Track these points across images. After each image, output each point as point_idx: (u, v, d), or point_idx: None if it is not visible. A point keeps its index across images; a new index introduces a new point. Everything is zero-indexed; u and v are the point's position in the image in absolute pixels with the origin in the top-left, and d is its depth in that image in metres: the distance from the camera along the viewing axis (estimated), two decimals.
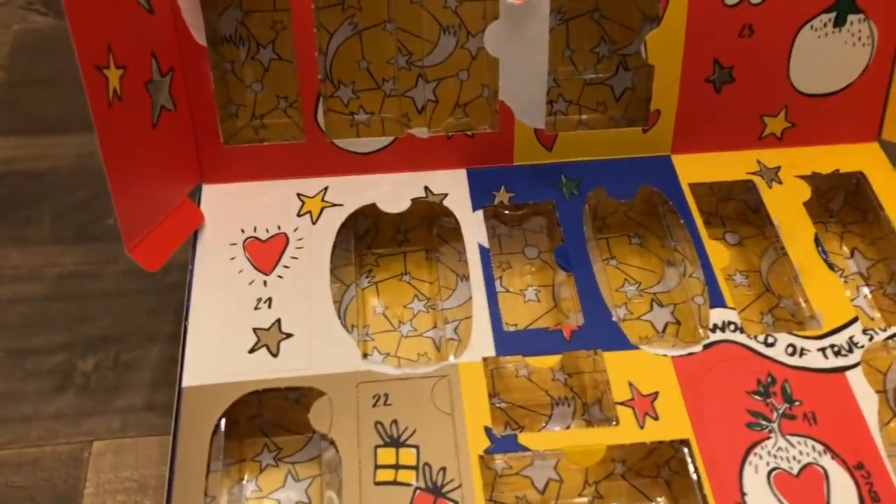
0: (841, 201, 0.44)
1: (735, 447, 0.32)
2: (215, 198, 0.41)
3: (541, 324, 0.40)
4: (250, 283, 0.37)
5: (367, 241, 0.43)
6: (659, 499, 0.35)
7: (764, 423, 0.33)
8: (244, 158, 0.41)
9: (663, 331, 0.40)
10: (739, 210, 0.44)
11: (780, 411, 0.33)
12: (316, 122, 0.40)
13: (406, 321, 0.41)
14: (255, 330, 0.36)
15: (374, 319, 0.41)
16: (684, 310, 0.40)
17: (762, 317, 0.41)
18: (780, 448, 0.32)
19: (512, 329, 0.39)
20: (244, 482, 0.36)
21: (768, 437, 0.33)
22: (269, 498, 0.35)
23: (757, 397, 0.34)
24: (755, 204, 0.42)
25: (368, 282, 0.42)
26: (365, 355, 0.39)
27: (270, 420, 0.37)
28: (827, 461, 0.32)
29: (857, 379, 0.34)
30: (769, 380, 0.34)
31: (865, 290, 0.42)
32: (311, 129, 0.40)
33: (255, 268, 0.38)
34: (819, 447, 0.33)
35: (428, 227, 0.43)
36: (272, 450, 0.37)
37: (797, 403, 0.34)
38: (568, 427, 0.37)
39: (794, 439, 0.33)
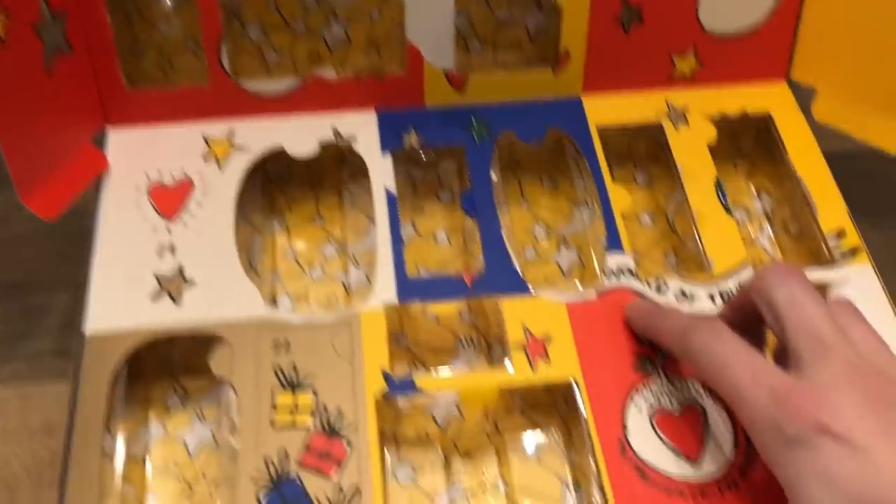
0: (752, 140, 0.45)
1: (620, 387, 0.34)
2: (121, 142, 0.40)
3: (451, 267, 0.41)
4: (154, 230, 0.37)
5: (279, 184, 0.43)
6: (552, 433, 0.36)
7: (649, 365, 0.34)
8: (150, 101, 0.40)
9: (569, 273, 0.41)
10: (651, 149, 0.44)
11: (664, 354, 0.34)
12: (220, 63, 0.39)
13: (317, 265, 0.41)
14: (157, 276, 0.36)
15: (285, 264, 0.41)
16: (590, 252, 0.41)
17: (666, 257, 0.42)
18: (663, 388, 0.34)
19: (418, 276, 0.40)
20: (151, 424, 0.36)
21: (653, 379, 0.34)
22: (176, 438, 0.36)
23: (644, 343, 0.35)
24: (666, 143, 0.43)
25: (280, 225, 0.42)
26: (274, 300, 0.40)
27: (178, 363, 0.38)
28: (706, 401, 0.34)
29: None
30: None
31: (768, 229, 0.43)
32: (216, 71, 0.40)
33: (159, 214, 0.38)
34: (699, 387, 0.34)
35: (340, 169, 0.43)
36: (179, 392, 0.37)
37: None
38: (472, 367, 0.38)
39: (676, 380, 0.34)
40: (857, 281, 0.37)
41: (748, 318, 0.31)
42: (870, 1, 0.39)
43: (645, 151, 0.45)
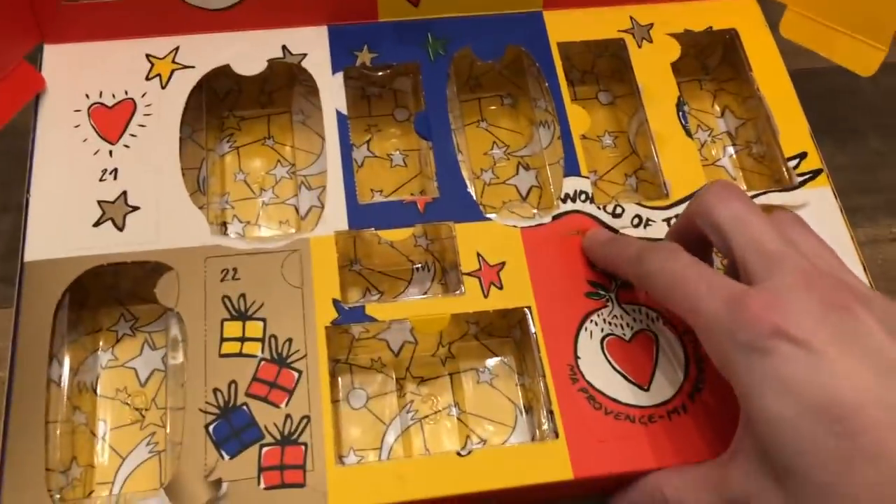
0: (718, 58, 0.43)
1: (573, 314, 0.33)
2: (58, 59, 0.38)
3: (406, 190, 0.40)
4: (95, 153, 0.36)
5: (228, 103, 0.42)
6: (505, 358, 0.36)
7: (602, 292, 0.34)
8: (89, 16, 0.38)
9: (527, 195, 0.40)
10: (615, 67, 0.43)
11: (618, 282, 0.34)
12: None
13: (268, 188, 0.40)
14: (99, 202, 0.35)
15: (235, 186, 0.40)
16: (547, 174, 0.40)
17: (626, 178, 0.41)
18: (615, 315, 0.34)
19: (370, 201, 0.39)
20: (99, 352, 0.36)
21: (605, 306, 0.34)
22: (126, 366, 0.36)
23: (596, 269, 0.34)
24: (629, 61, 0.42)
25: (230, 146, 0.41)
26: (224, 224, 0.39)
27: (127, 290, 0.37)
28: (658, 327, 0.34)
29: None
30: None
31: (731, 150, 0.42)
32: None
33: (100, 136, 0.36)
34: (652, 314, 0.34)
35: (291, 87, 0.41)
36: (128, 319, 0.37)
37: None
38: (426, 292, 0.38)
39: (629, 307, 0.34)
40: (816, 204, 0.36)
41: (694, 242, 0.30)
42: None
43: (609, 69, 0.43)
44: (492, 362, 0.36)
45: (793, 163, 0.38)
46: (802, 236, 0.29)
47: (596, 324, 0.33)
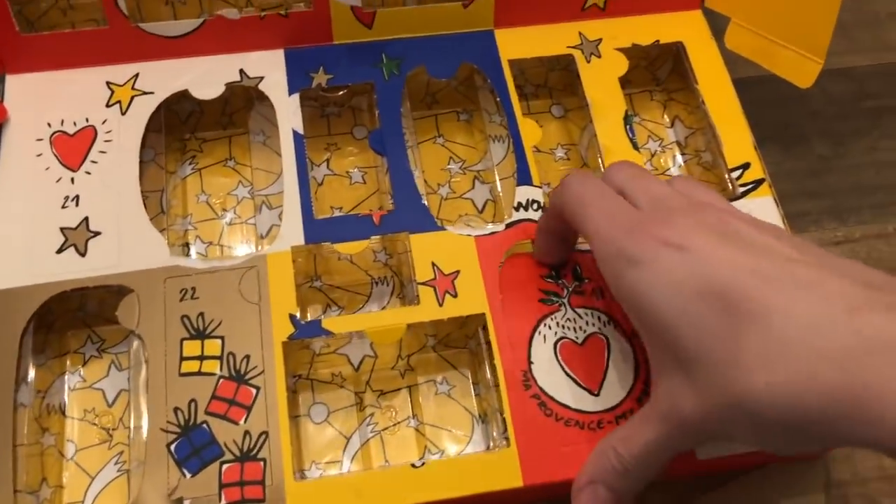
0: (668, 69, 0.45)
1: (527, 319, 0.34)
2: (20, 89, 0.39)
3: (365, 206, 0.41)
4: (58, 181, 0.37)
5: (190, 125, 0.43)
6: (462, 369, 0.37)
7: (555, 298, 0.35)
8: (49, 46, 0.39)
9: (483, 209, 0.41)
10: (567, 81, 0.44)
11: (570, 289, 0.35)
12: (117, 5, 0.38)
13: (230, 208, 0.41)
14: (62, 229, 0.36)
15: (197, 208, 0.41)
16: (502, 187, 0.41)
17: None
18: (568, 319, 0.35)
19: (326, 216, 0.40)
20: (67, 374, 0.37)
21: (559, 310, 0.35)
22: (93, 388, 0.37)
23: (549, 279, 0.35)
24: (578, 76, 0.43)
25: (192, 168, 0.42)
26: (186, 245, 0.40)
27: (93, 312, 0.38)
28: (609, 331, 0.35)
29: None
30: None
31: (680, 160, 0.43)
32: (113, 14, 0.38)
33: (62, 164, 0.37)
34: (604, 318, 0.35)
35: (250, 109, 0.42)
36: (95, 341, 0.38)
37: (586, 281, 0.36)
38: (384, 307, 0.38)
39: (581, 311, 0.35)
40: (758, 213, 0.36)
41: (560, 235, 0.34)
42: None
43: (561, 83, 0.44)
44: (449, 373, 0.37)
45: (736, 173, 0.39)
46: (688, 185, 0.32)
47: (550, 327, 0.34)
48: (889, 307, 0.24)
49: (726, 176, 0.39)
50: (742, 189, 0.38)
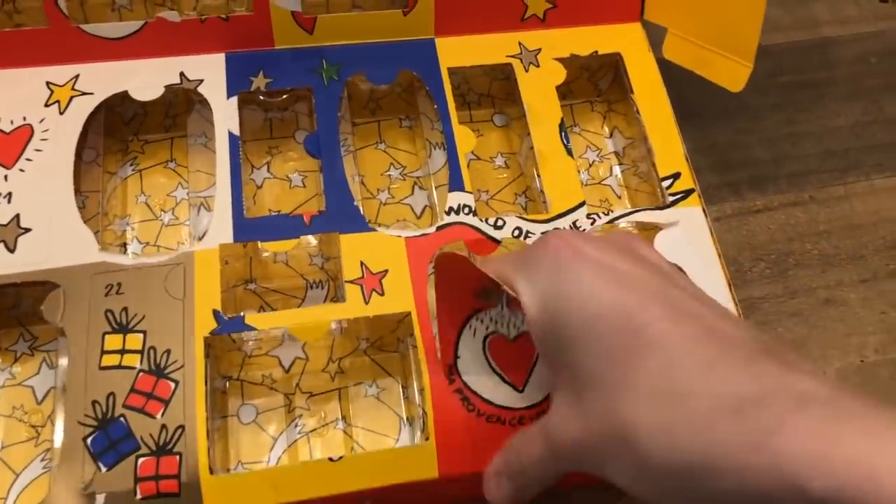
0: (609, 80, 0.45)
1: (456, 315, 0.35)
2: None
3: (304, 209, 0.41)
4: None
5: (133, 127, 0.43)
6: (393, 372, 0.37)
7: (492, 295, 0.35)
8: None
9: (421, 215, 0.42)
10: (509, 90, 0.45)
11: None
12: (57, 6, 0.39)
13: (168, 209, 0.41)
14: None
15: (136, 208, 0.41)
16: (442, 192, 0.41)
17: (516, 198, 0.42)
18: (502, 315, 0.35)
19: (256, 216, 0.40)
20: None
21: (493, 307, 0.35)
22: (23, 385, 0.36)
23: (477, 277, 0.35)
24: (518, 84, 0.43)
25: (132, 169, 0.42)
26: (124, 245, 0.40)
27: (27, 310, 0.38)
28: None
29: None
30: None
31: (617, 170, 0.44)
32: (54, 14, 0.39)
33: None
34: None
35: (190, 112, 0.43)
36: (27, 339, 0.37)
37: None
38: None
39: (516, 310, 0.35)
40: (686, 222, 0.38)
41: None
42: None
43: (504, 93, 0.45)
44: (380, 375, 0.37)
45: (667, 182, 0.39)
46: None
47: (482, 322, 0.34)
48: (787, 365, 0.23)
49: (657, 185, 0.39)
50: (672, 198, 0.39)
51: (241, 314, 0.34)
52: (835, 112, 0.49)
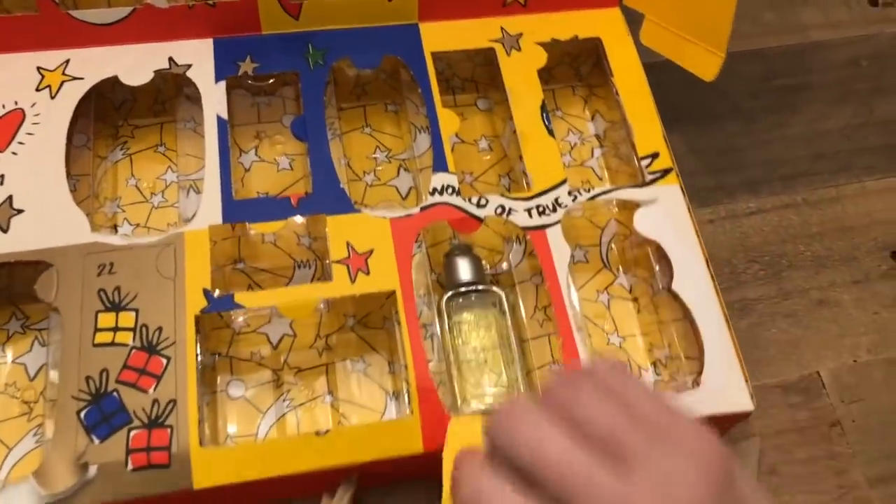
0: (591, 65, 0.46)
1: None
2: None
3: (291, 192, 0.42)
4: None
5: (123, 112, 0.44)
6: (379, 347, 0.38)
7: None
8: None
9: (406, 196, 0.43)
10: (492, 75, 0.46)
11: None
12: None
13: (158, 192, 0.42)
14: None
15: (127, 191, 0.42)
16: (426, 175, 0.42)
17: (500, 179, 0.43)
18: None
19: (244, 198, 0.41)
20: None
21: None
22: (16, 363, 0.37)
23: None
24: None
25: (123, 153, 0.43)
26: (115, 227, 0.41)
27: (20, 290, 0.38)
28: None
29: (554, 234, 0.38)
30: None
31: (598, 152, 0.45)
32: (44, 1, 0.39)
33: None
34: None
35: (180, 96, 0.44)
36: (20, 318, 0.38)
37: None
38: None
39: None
40: (665, 199, 0.39)
41: None
42: None
43: (487, 77, 0.46)
44: (366, 351, 0.38)
45: (646, 161, 0.40)
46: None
47: None
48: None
49: (637, 164, 0.40)
50: (651, 177, 0.40)
51: (231, 293, 0.35)
52: (826, 115, 0.49)
